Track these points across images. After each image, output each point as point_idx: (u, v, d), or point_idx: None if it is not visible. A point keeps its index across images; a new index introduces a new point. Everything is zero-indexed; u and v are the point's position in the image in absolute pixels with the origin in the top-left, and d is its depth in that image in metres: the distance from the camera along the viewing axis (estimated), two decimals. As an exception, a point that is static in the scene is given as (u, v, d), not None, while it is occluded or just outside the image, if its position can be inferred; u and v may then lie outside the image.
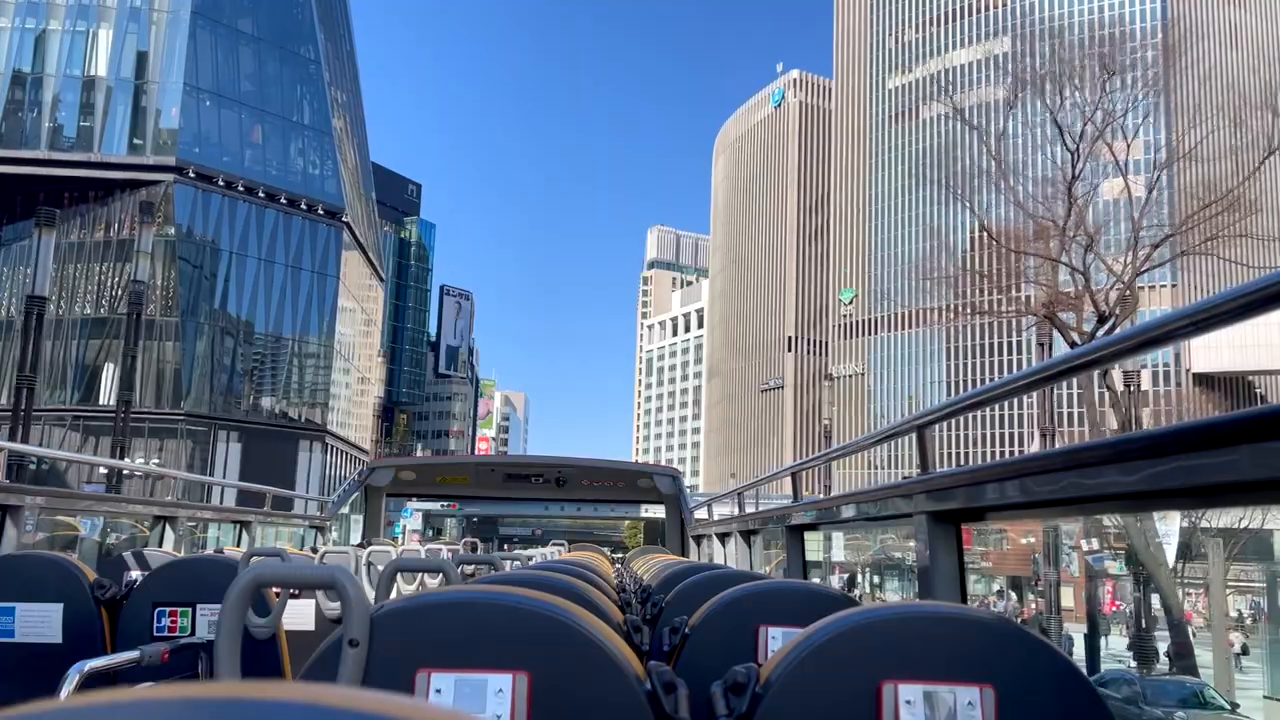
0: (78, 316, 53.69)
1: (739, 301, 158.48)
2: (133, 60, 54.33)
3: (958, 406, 2.90)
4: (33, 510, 4.58)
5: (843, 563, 45.20)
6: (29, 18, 53.87)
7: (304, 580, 1.58)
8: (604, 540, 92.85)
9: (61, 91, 53.75)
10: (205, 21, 55.62)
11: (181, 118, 53.75)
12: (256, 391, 57.28)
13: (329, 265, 59.59)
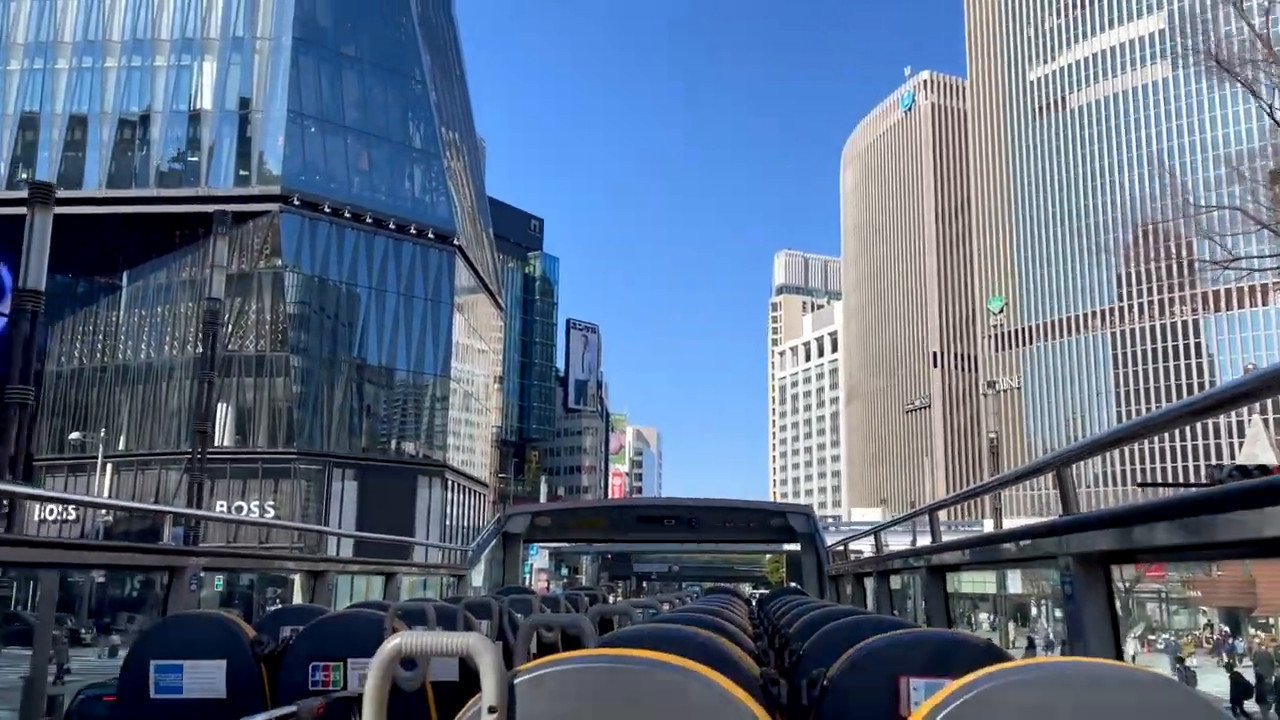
0: (191, 356, 52.14)
1: (876, 319, 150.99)
2: (236, 91, 53.03)
3: (1104, 442, 2.78)
4: (195, 570, 4.72)
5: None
6: (135, 55, 53.27)
7: (443, 649, 1.64)
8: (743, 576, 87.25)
9: (168, 127, 52.80)
10: (307, 48, 53.98)
11: (286, 146, 51.99)
12: (372, 426, 54.63)
13: (442, 292, 56.78)
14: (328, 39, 55.53)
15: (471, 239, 64.37)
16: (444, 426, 57.10)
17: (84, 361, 55.18)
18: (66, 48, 53.43)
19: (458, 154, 65.03)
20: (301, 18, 53.89)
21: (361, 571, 10.19)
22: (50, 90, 53.11)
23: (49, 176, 52.20)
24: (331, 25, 55.92)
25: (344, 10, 56.71)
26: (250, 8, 53.87)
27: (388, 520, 48.92)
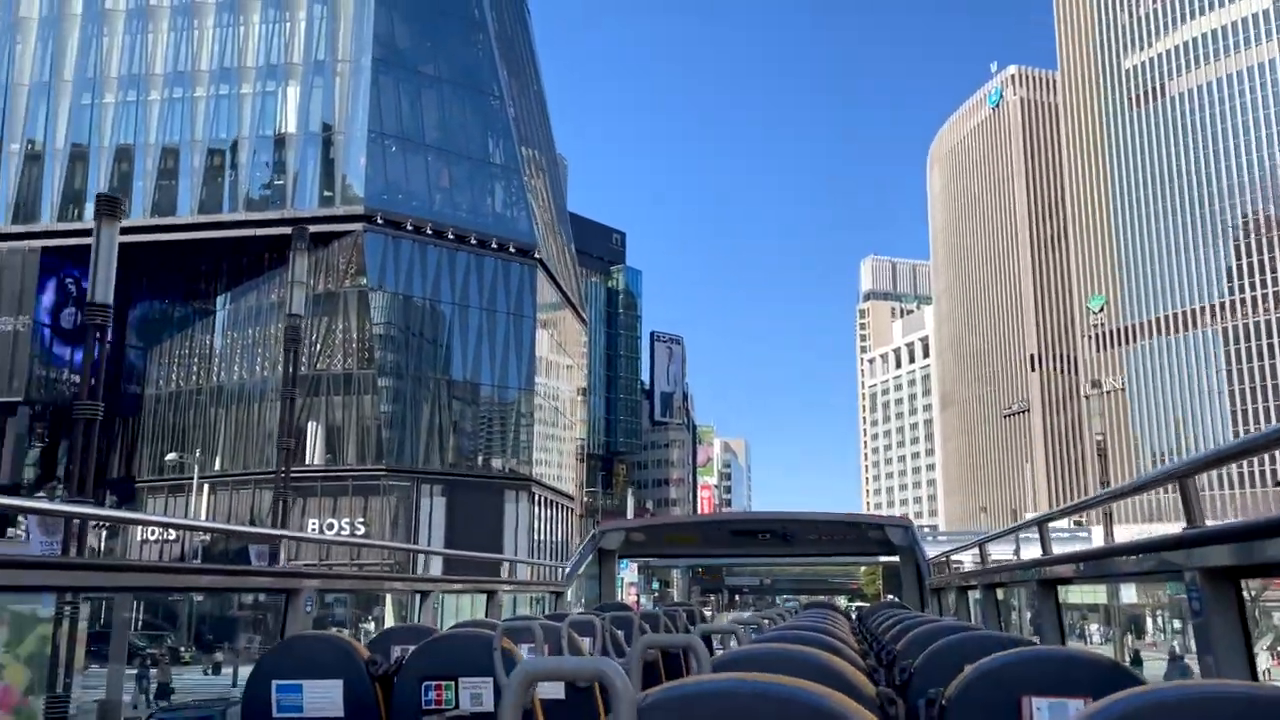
0: (281, 375, 52.86)
1: (969, 323, 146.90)
2: (319, 114, 53.81)
3: (1231, 452, 2.60)
4: (310, 592, 4.86)
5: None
6: (222, 84, 54.47)
7: (574, 674, 1.64)
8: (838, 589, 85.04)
9: (255, 152, 53.82)
10: (386, 68, 54.53)
11: (368, 166, 52.52)
12: (459, 442, 54.66)
13: (525, 306, 56.64)
14: (406, 59, 56.04)
15: (553, 253, 64.24)
16: (529, 441, 56.85)
17: (181, 385, 56.49)
18: (158, 79, 54.96)
19: (537, 169, 65.05)
20: (380, 39, 54.49)
21: (465, 590, 10.39)
22: (143, 121, 54.66)
23: (144, 206, 53.81)
24: (410, 45, 56.43)
25: (422, 30, 57.21)
26: (330, 32, 54.69)
27: (476, 535, 48.75)
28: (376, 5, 54.47)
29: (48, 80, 55.40)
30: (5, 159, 55.00)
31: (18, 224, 53.97)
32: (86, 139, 54.82)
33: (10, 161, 54.98)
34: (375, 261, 52.07)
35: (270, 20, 55.20)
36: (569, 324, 69.46)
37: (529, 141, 63.73)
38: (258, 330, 54.45)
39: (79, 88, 55.31)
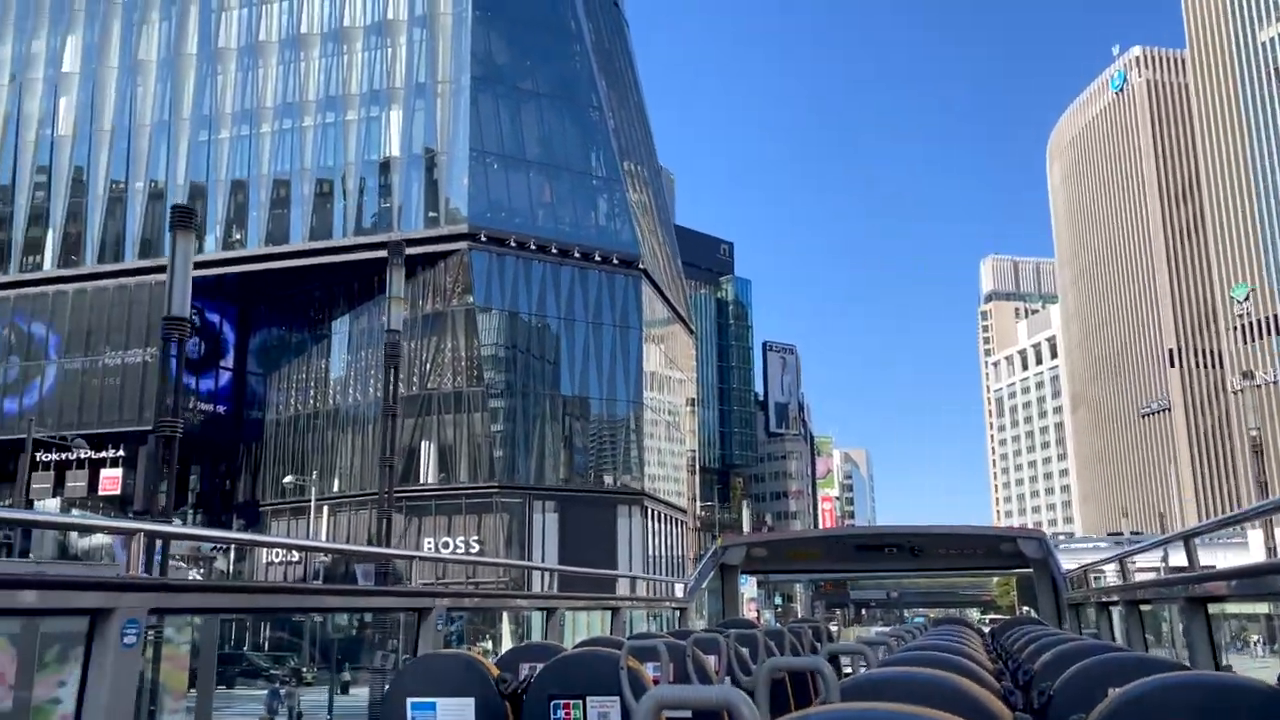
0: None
1: (1099, 319, 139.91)
2: (422, 136, 54.34)
3: None
4: (441, 610, 5.03)
5: None
6: (328, 112, 55.56)
7: (702, 703, 1.68)
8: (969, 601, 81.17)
9: (361, 177, 54.69)
10: (485, 86, 54.74)
11: (470, 184, 52.71)
12: (570, 457, 54.19)
13: (630, 318, 55.88)
14: (505, 75, 56.18)
15: (658, 265, 63.40)
16: (640, 454, 55.96)
17: (300, 409, 57.64)
18: (268, 112, 56.47)
19: (639, 181, 64.40)
20: (479, 57, 54.77)
21: (590, 607, 10.30)
22: (256, 154, 56.20)
23: (259, 236, 55.24)
24: (508, 62, 56.57)
25: (519, 46, 57.32)
26: (430, 54, 55.26)
27: (590, 551, 48.06)
28: (474, 24, 54.80)
29: (167, 120, 57.56)
30: (131, 197, 57.33)
31: (144, 259, 56.07)
32: (204, 174, 56.68)
33: (135, 200, 57.27)
34: (481, 279, 52.14)
35: (372, 47, 56.15)
36: (677, 336, 68.46)
37: (630, 153, 63.16)
38: (371, 353, 55.12)
39: (196, 125, 57.28)
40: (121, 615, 3.14)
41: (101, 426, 54.90)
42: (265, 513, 57.02)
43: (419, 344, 52.95)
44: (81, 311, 56.47)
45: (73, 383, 55.94)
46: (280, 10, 57.83)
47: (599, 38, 62.92)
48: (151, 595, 3.34)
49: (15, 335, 57.61)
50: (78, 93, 59.20)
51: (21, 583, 2.99)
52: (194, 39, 58.30)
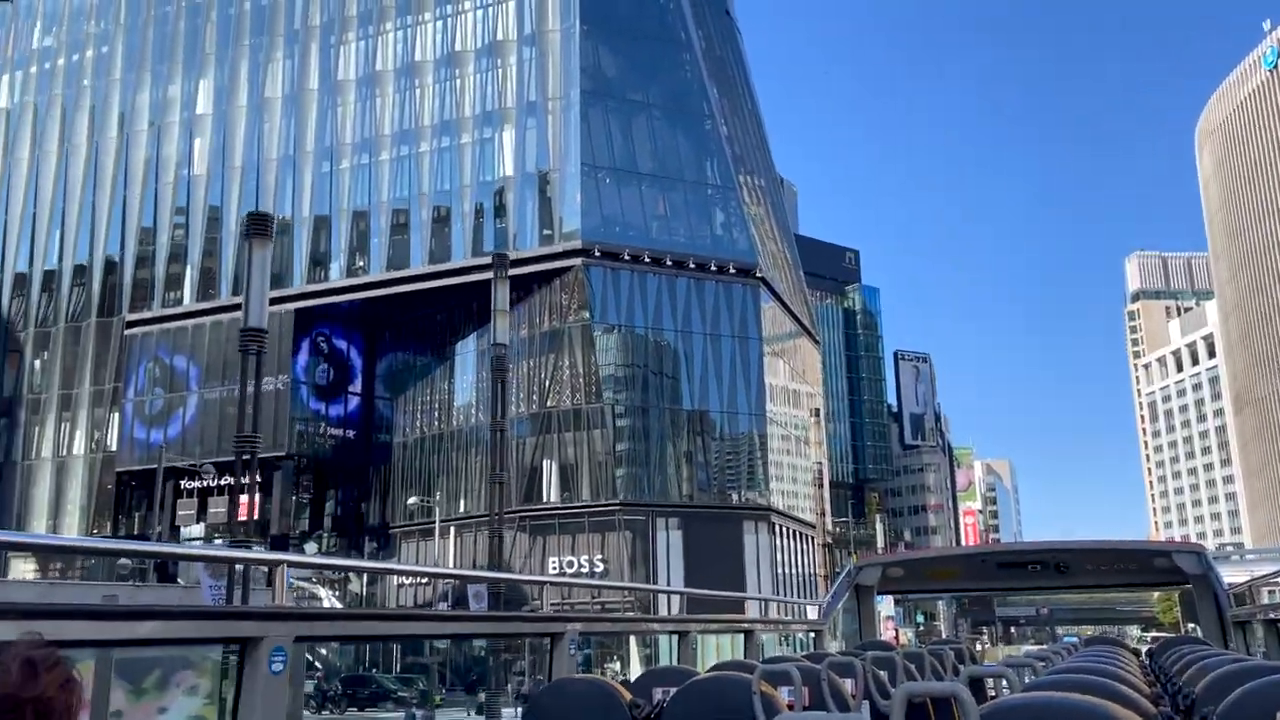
0: (515, 417, 53.26)
1: (1262, 313, 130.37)
2: (534, 154, 54.34)
3: None
4: (573, 635, 5.05)
5: None
6: (443, 137, 56.21)
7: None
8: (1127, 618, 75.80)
9: (477, 199, 55.03)
10: (595, 100, 54.41)
11: (583, 200, 52.32)
12: (692, 472, 52.92)
13: (750, 328, 54.36)
14: (614, 89, 55.76)
15: (778, 273, 61.71)
16: (765, 468, 54.24)
17: (425, 431, 58.20)
18: (386, 140, 57.55)
19: (755, 189, 62.94)
20: (588, 72, 54.51)
21: (722, 630, 10.09)
22: (376, 182, 57.30)
23: (380, 263, 56.17)
24: (617, 75, 56.15)
25: (628, 58, 56.85)
26: (540, 71, 55.32)
27: (716, 569, 46.64)
28: (582, 39, 54.59)
29: (292, 154, 59.33)
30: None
31: (274, 289, 57.59)
32: (327, 204, 58.10)
33: (265, 233, 59.13)
34: (596, 295, 51.62)
35: (483, 69, 56.59)
36: (802, 346, 66.46)
37: (745, 160, 61.81)
38: (489, 372, 55.24)
39: (319, 157, 58.84)
40: (269, 643, 3.25)
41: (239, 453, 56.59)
42: (395, 535, 57.71)
43: (537, 362, 52.74)
44: (218, 343, 58.51)
45: (212, 412, 57.92)
46: (395, 40, 59.00)
47: (709, 46, 61.93)
48: (296, 624, 3.46)
49: (160, 369, 60.17)
50: (210, 133, 61.69)
51: (181, 614, 3.20)
52: (315, 74, 60.03)
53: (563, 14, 55.54)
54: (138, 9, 65.56)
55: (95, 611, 2.96)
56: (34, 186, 65.54)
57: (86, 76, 66.12)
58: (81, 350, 62.22)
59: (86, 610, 2.93)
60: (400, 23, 59.16)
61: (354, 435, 60.55)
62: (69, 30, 67.47)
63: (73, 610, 2.87)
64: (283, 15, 61.76)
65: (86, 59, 66.49)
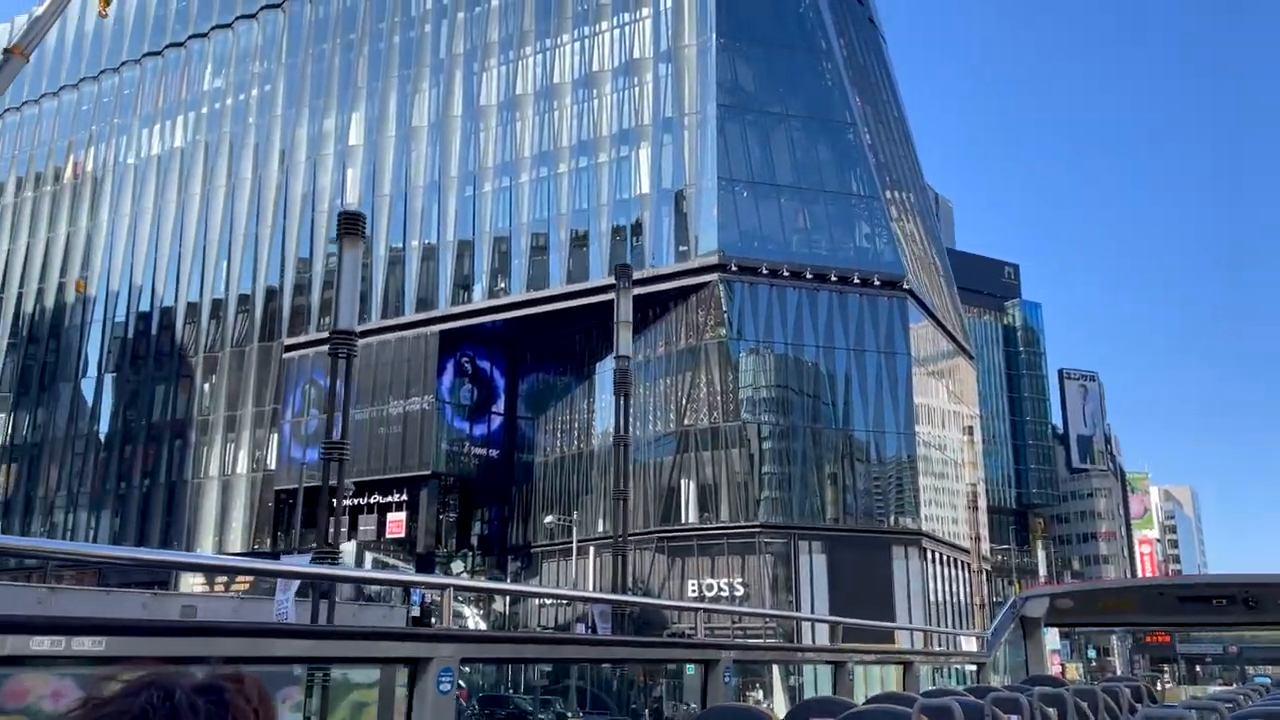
0: (653, 435, 52.56)
1: None
2: (670, 170, 53.80)
3: None
4: (727, 663, 5.05)
5: None
6: (581, 157, 56.40)
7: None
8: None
9: (613, 218, 54.86)
10: (732, 113, 53.50)
11: (720, 215, 51.36)
12: (836, 494, 50.83)
13: (895, 342, 51.99)
14: (752, 101, 54.73)
15: (928, 287, 59.01)
16: (915, 490, 51.60)
17: (565, 450, 58.20)
18: (526, 162, 58.20)
19: (902, 199, 60.56)
20: (724, 85, 53.70)
21: (881, 661, 9.90)
22: (516, 204, 57.97)
23: (520, 283, 56.71)
24: (755, 86, 55.11)
25: (766, 69, 55.77)
26: (676, 87, 54.83)
27: (863, 595, 44.54)
28: (718, 52, 53.84)
29: (437, 179, 60.77)
30: (409, 255, 60.83)
31: (420, 312, 59.13)
32: (470, 228, 59.15)
33: (413, 257, 60.70)
34: (733, 311, 50.48)
35: (620, 88, 56.56)
36: (955, 363, 63.28)
37: (890, 170, 59.56)
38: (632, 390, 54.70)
39: (462, 182, 60.06)
40: (438, 664, 3.32)
41: (387, 472, 57.99)
42: (537, 554, 57.80)
43: (673, 380, 51.90)
44: (369, 365, 60.24)
45: (362, 432, 59.53)
46: (534, 63, 59.74)
47: (851, 54, 60.15)
48: (463, 646, 3.56)
49: (315, 390, 62.43)
50: (361, 163, 63.95)
51: (361, 634, 3.35)
52: (459, 101, 61.42)
53: (699, 28, 54.97)
54: (298, 48, 68.86)
55: (289, 630, 3.04)
56: (204, 220, 69.49)
57: (251, 114, 69.79)
58: (245, 374, 65.27)
59: (280, 629, 2.99)
60: (539, 46, 59.90)
61: (497, 455, 61.18)
62: (236, 71, 71.47)
63: (269, 629, 2.92)
64: (429, 46, 63.59)
65: (251, 98, 70.22)
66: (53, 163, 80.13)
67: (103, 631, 2.58)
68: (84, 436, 71.66)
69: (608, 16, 58.09)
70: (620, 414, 25.64)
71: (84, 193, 77.07)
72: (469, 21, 62.67)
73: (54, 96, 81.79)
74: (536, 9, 60.49)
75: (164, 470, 67.08)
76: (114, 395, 71.04)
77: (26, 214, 79.99)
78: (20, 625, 2.43)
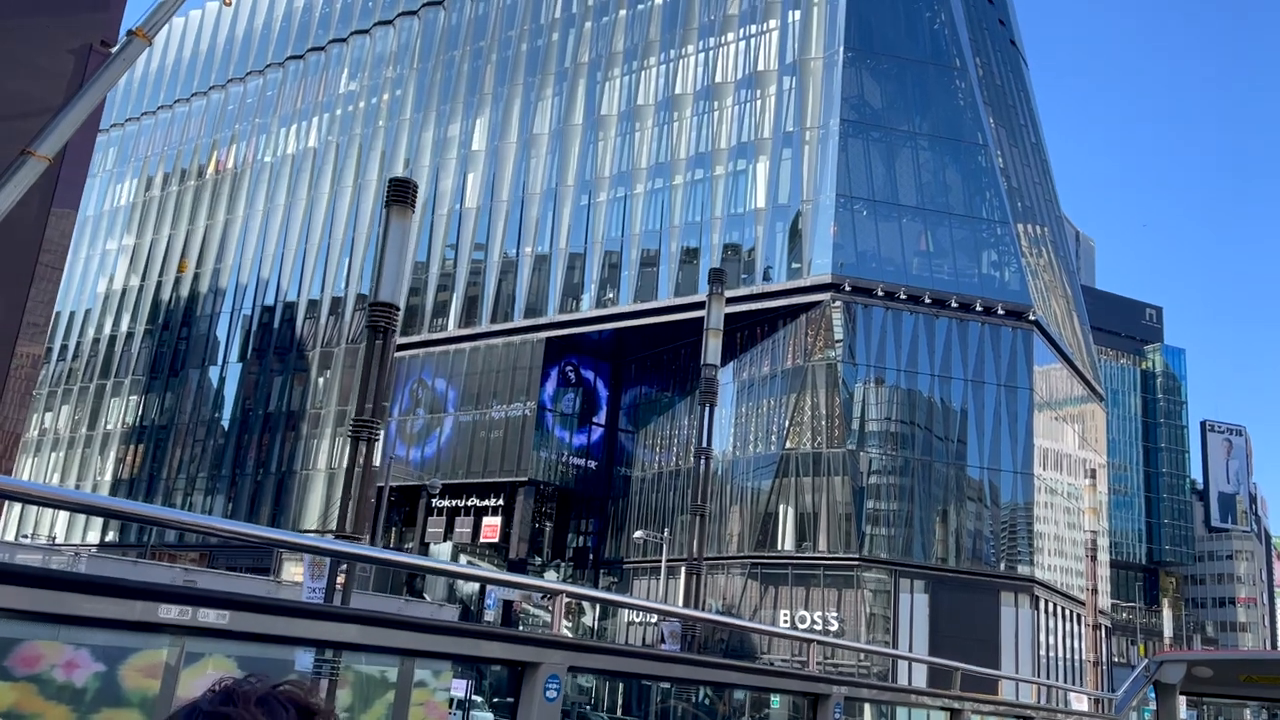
0: (753, 454, 50.89)
1: None
2: (788, 185, 52.22)
3: None
4: (838, 699, 4.93)
5: None
6: (697, 170, 55.39)
7: None
8: None
9: (726, 232, 53.59)
10: (856, 130, 51.62)
11: (837, 233, 49.49)
12: (944, 532, 48.08)
13: (1018, 376, 49.01)
14: (878, 118, 52.75)
15: (1057, 320, 55.68)
16: (1030, 535, 48.42)
17: (663, 466, 57.02)
18: (642, 174, 57.50)
19: (1034, 227, 57.39)
20: (850, 100, 51.89)
21: (999, 714, 9.64)
22: (630, 215, 57.29)
23: (628, 295, 55.93)
24: (882, 103, 53.12)
25: (895, 86, 53.73)
26: (799, 101, 53.30)
27: (965, 641, 41.99)
28: (845, 66, 52.11)
29: (554, 187, 60.67)
30: (521, 261, 60.84)
31: (528, 319, 58.99)
32: (583, 237, 58.75)
33: (525, 263, 60.68)
34: (844, 332, 48.44)
35: (742, 101, 55.36)
36: (1083, 404, 59.48)
37: (1023, 195, 56.57)
38: (739, 409, 53.18)
39: (579, 190, 59.79)
40: (546, 670, 3.32)
41: (486, 476, 57.89)
42: (628, 570, 56.72)
43: (777, 401, 50.12)
44: (475, 368, 60.43)
45: (465, 434, 59.73)
46: (657, 74, 59.12)
47: (988, 74, 57.50)
48: (571, 654, 3.53)
49: (423, 390, 63.02)
50: (483, 168, 64.46)
51: (473, 633, 3.44)
52: (580, 110, 61.27)
53: (827, 41, 53.36)
54: (430, 53, 70.13)
55: (407, 623, 3.03)
56: (330, 219, 71.27)
57: (381, 118, 71.36)
58: (357, 370, 66.36)
59: (397, 621, 2.97)
60: (664, 56, 59.26)
61: (596, 466, 60.43)
62: (370, 75, 73.28)
63: (385, 620, 2.94)
64: (555, 54, 63.75)
65: (383, 101, 71.83)
66: (197, 159, 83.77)
67: (228, 606, 2.65)
68: (206, 423, 74.18)
69: (733, 28, 57.03)
70: (705, 425, 24.32)
71: (223, 188, 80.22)
72: (595, 31, 62.56)
73: (203, 96, 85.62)
74: (663, 20, 59.92)
75: (275, 460, 68.74)
76: (238, 384, 73.36)
77: (170, 207, 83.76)
78: (158, 593, 2.52)
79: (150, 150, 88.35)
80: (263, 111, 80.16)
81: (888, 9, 54.80)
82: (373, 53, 74.08)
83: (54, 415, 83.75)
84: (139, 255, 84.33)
